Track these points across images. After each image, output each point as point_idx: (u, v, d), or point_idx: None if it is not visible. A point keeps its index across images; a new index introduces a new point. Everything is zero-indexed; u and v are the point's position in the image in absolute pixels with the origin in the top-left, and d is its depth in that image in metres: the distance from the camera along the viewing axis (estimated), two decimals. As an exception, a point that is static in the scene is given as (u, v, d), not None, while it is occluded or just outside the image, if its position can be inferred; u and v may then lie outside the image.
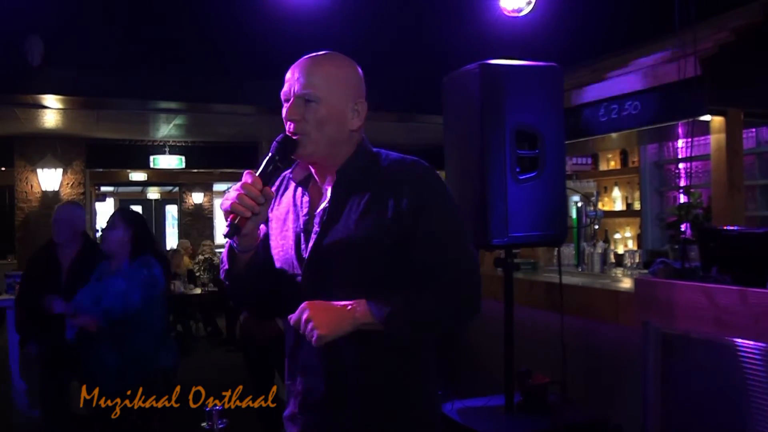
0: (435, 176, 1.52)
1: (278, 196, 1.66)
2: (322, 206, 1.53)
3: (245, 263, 1.57)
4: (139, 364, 3.06)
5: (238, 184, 1.43)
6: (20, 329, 4.14)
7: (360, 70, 1.59)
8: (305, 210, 1.57)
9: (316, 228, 1.51)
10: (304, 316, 1.41)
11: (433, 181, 1.51)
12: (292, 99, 1.49)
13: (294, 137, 1.48)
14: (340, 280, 1.48)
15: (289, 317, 1.47)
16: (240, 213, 1.41)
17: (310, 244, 1.51)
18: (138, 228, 3.20)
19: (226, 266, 1.59)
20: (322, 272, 1.50)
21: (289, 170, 1.63)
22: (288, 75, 1.52)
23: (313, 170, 1.58)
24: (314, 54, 1.54)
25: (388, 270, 1.47)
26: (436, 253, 1.45)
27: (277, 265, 1.60)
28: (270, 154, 1.47)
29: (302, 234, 1.55)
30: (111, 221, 3.22)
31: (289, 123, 1.49)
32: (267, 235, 1.64)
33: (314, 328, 1.39)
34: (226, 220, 1.44)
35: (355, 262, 1.47)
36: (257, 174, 1.45)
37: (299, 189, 1.60)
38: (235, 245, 1.53)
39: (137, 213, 3.40)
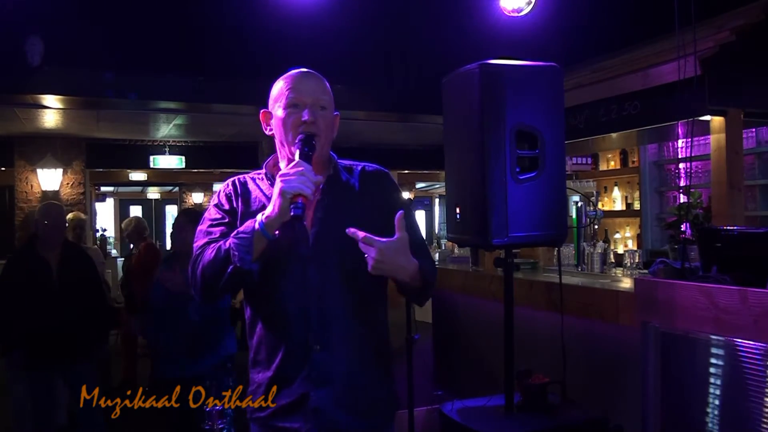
0: (392, 178, 1.91)
1: (239, 198, 1.78)
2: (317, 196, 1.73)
3: (261, 251, 1.61)
4: (210, 349, 3.34)
5: (293, 170, 1.56)
6: (4, 336, 3.76)
7: None
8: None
9: (318, 214, 1.72)
10: (399, 237, 1.59)
11: (394, 182, 1.90)
12: (309, 106, 1.69)
13: (312, 137, 1.67)
14: (342, 251, 1.67)
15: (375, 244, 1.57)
16: (308, 195, 1.55)
17: (315, 228, 1.70)
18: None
19: (248, 255, 1.58)
20: (324, 246, 1.70)
21: (237, 177, 1.82)
22: (294, 84, 1.72)
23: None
24: (308, 70, 1.78)
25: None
26: (414, 235, 1.76)
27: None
28: (303, 150, 1.64)
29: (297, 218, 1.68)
30: (177, 223, 3.61)
31: (303, 125, 1.68)
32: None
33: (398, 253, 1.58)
34: (294, 202, 1.53)
35: (349, 237, 1.67)
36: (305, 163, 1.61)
37: (265, 185, 1.77)
38: (268, 232, 1.58)
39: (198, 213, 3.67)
